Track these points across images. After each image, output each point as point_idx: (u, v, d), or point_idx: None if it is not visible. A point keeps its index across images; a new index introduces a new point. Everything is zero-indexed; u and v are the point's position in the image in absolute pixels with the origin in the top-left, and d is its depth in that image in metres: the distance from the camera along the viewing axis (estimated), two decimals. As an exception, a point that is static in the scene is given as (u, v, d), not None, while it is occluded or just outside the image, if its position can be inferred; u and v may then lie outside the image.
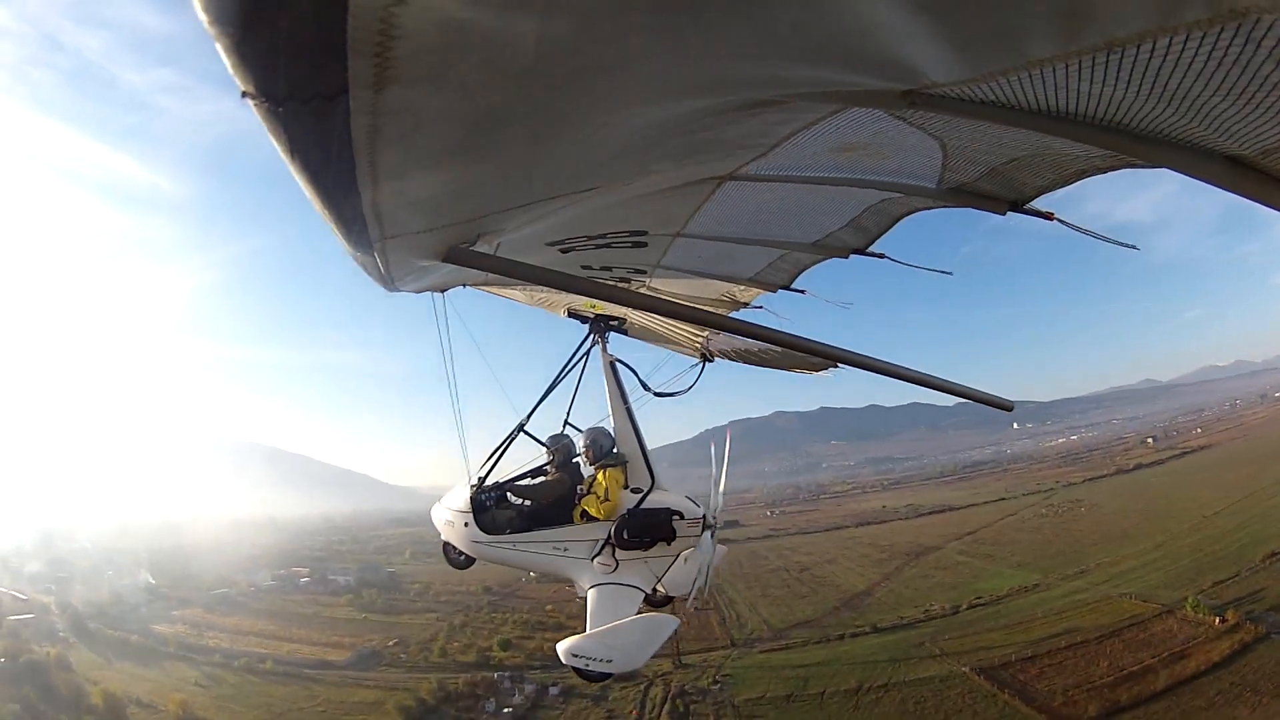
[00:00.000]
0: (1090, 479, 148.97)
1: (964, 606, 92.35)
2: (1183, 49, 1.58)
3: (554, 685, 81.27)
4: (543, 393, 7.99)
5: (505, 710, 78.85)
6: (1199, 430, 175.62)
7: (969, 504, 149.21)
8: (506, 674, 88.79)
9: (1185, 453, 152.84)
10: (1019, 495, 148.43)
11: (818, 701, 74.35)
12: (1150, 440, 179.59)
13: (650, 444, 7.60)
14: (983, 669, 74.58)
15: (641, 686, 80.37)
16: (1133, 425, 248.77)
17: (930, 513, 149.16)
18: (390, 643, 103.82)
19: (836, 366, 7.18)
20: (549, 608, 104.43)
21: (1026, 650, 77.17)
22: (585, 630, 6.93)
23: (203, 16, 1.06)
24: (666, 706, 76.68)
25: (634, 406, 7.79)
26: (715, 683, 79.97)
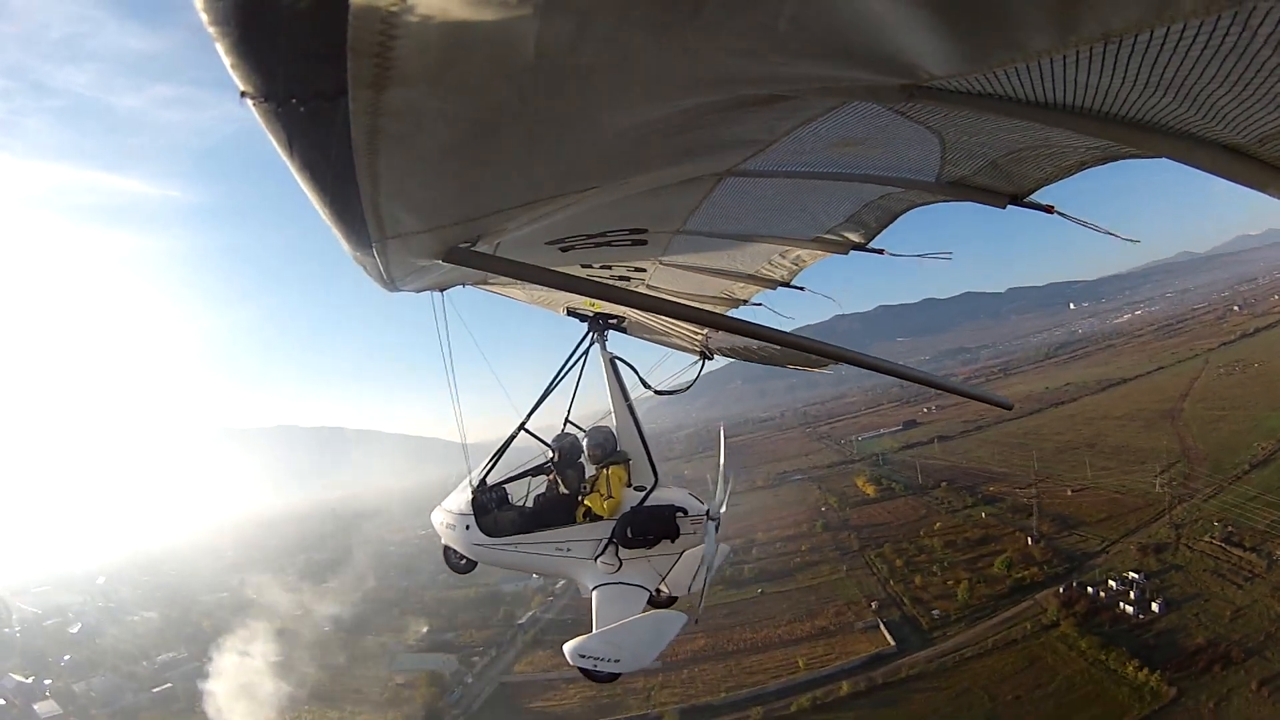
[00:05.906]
0: (1225, 343, 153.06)
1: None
2: (1180, 38, 1.58)
3: (1138, 572, 78.87)
4: (543, 392, 7.97)
5: (1153, 603, 74.54)
6: (1277, 297, 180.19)
7: (1135, 375, 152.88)
8: (1072, 581, 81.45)
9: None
10: (1174, 364, 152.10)
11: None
12: (1236, 308, 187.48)
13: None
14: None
15: (1169, 552, 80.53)
16: (1195, 296, 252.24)
17: (1102, 389, 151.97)
18: (872, 605, 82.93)
19: (836, 365, 7.17)
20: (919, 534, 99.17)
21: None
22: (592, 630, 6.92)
23: (203, 16, 1.07)
24: (1226, 553, 76.87)
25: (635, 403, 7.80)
26: (1226, 524, 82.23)
